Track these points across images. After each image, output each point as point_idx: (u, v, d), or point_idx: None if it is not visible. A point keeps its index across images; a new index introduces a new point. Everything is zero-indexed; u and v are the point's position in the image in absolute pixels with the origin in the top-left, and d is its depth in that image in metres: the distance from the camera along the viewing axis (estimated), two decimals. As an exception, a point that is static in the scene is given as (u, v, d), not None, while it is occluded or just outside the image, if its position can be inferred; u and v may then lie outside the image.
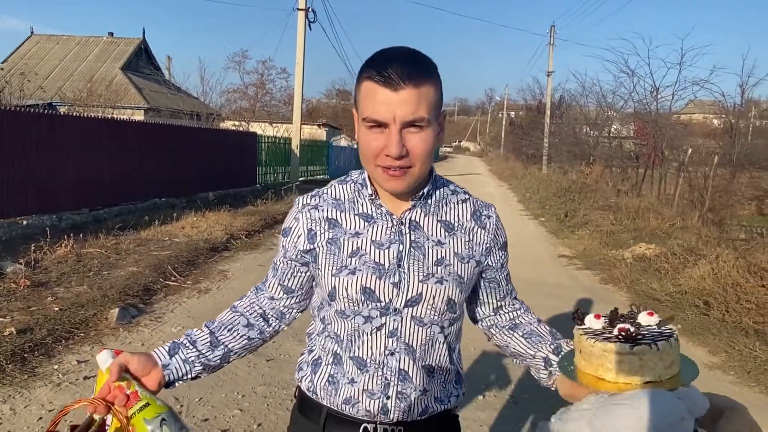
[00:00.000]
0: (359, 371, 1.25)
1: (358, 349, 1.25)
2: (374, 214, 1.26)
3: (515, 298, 1.45)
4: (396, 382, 1.24)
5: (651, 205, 13.61)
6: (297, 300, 1.38)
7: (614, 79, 44.78)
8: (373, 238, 1.24)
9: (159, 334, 4.77)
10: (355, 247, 1.24)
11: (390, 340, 1.23)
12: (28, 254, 6.41)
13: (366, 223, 1.26)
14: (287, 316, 1.40)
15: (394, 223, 1.25)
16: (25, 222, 8.50)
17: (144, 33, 25.46)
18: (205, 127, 17.56)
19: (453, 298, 1.25)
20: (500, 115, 65.59)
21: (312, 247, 1.27)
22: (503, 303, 1.42)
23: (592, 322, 1.10)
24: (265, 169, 18.98)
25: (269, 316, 1.38)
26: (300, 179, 19.24)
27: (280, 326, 1.40)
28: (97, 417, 1.13)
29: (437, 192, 1.30)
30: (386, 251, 1.23)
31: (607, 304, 6.28)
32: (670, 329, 1.06)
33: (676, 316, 0.94)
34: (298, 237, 1.29)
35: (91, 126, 10.46)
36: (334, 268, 1.24)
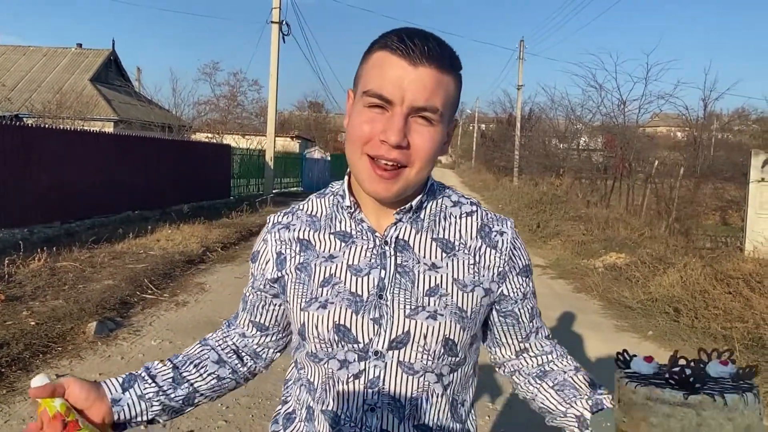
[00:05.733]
0: (332, 430, 1.00)
1: (333, 401, 1.00)
2: (353, 232, 1.03)
3: (547, 337, 1.14)
4: None
5: (620, 215, 13.98)
6: (273, 339, 1.16)
7: (582, 93, 46.02)
8: (350, 262, 1.00)
9: (138, 347, 4.74)
10: (327, 274, 1.00)
11: (370, 392, 0.98)
12: (1, 268, 6.29)
13: (342, 244, 1.02)
14: (263, 357, 1.17)
15: (377, 242, 1.01)
16: (-6, 236, 8.34)
17: (113, 44, 25.23)
18: (178, 139, 17.44)
19: (451, 337, 0.99)
20: (471, 127, 66.29)
21: (280, 274, 1.05)
22: (528, 345, 1.12)
23: (640, 365, 0.82)
24: (239, 181, 18.95)
25: (243, 354, 1.16)
26: (274, 191, 19.19)
27: (256, 367, 1.18)
28: None
29: (433, 203, 1.05)
30: (365, 279, 0.99)
31: (582, 313, 6.43)
32: (750, 384, 0.77)
33: (760, 369, 0.83)
34: (266, 263, 1.07)
35: (62, 138, 10.33)
36: (303, 300, 1.01)
